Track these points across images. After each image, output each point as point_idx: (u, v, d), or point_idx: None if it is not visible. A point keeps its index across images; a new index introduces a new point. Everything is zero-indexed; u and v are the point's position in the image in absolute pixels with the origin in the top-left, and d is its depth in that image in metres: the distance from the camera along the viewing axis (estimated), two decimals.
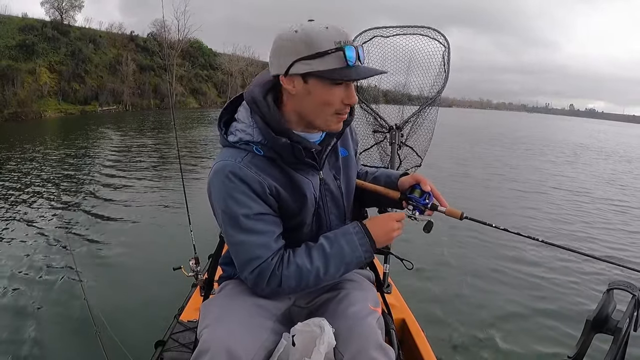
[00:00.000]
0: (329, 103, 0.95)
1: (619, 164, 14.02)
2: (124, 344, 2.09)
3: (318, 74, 0.91)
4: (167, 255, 3.34)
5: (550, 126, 43.77)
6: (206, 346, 0.91)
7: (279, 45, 0.94)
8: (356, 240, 1.03)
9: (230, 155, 1.00)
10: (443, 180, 7.44)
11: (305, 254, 1.01)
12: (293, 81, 0.94)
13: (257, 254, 0.98)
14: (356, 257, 1.03)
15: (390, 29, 2.18)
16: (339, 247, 1.02)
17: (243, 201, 0.97)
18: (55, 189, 6.59)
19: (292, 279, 0.99)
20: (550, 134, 29.03)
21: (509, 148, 16.12)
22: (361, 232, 1.04)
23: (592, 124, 77.95)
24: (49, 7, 29.66)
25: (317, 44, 0.90)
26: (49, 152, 10.63)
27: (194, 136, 14.93)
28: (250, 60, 44.21)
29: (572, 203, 7.16)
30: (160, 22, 34.05)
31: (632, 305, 0.84)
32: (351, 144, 1.19)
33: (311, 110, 0.97)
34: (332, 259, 1.01)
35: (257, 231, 0.98)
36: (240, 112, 1.05)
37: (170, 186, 6.85)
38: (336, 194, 1.12)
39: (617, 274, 3.61)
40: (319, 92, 0.94)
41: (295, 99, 0.97)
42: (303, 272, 0.99)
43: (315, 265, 1.00)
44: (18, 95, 21.61)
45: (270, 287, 1.00)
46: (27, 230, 4.58)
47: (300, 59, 0.91)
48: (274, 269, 0.99)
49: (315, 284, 1.03)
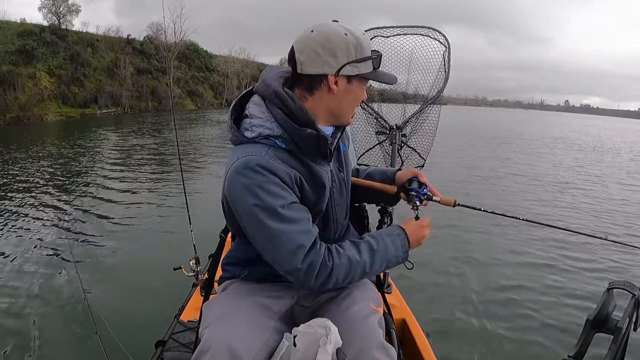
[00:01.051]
0: (358, 100, 1.05)
1: (587, 154, 15.37)
2: (124, 344, 2.09)
3: (365, 76, 1.00)
4: (167, 255, 3.34)
5: (537, 121, 45.77)
6: (208, 345, 0.91)
7: (331, 45, 0.95)
8: (399, 242, 1.08)
9: (253, 151, 0.97)
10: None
11: (354, 247, 1.03)
12: (337, 80, 0.98)
13: (301, 241, 0.96)
14: (396, 258, 1.08)
15: (390, 29, 2.18)
16: (384, 245, 1.06)
17: (277, 192, 0.95)
18: (56, 191, 6.59)
19: (342, 269, 1.00)
20: (533, 128, 30.67)
21: (484, 140, 17.04)
22: (403, 235, 1.09)
23: (583, 119, 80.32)
24: (47, 12, 29.79)
25: (364, 49, 0.98)
26: (50, 154, 10.64)
27: (193, 137, 14.95)
28: (246, 62, 44.45)
29: (526, 185, 8.40)
30: (155, 25, 34.71)
31: (632, 305, 0.84)
32: (346, 139, 1.22)
33: (345, 107, 1.04)
34: (377, 256, 1.04)
35: (297, 219, 0.97)
36: (252, 108, 1.04)
37: (171, 186, 6.85)
38: (341, 185, 1.14)
39: (613, 269, 3.62)
40: (358, 91, 1.03)
41: (334, 97, 1.00)
42: (353, 264, 1.01)
43: (363, 259, 1.02)
44: (19, 99, 21.77)
45: (320, 278, 0.98)
46: (28, 230, 4.58)
47: (351, 62, 0.97)
48: (325, 259, 0.98)
49: (360, 277, 1.05)
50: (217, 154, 10.78)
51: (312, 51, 0.95)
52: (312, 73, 0.97)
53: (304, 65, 0.97)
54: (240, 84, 42.05)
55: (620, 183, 9.46)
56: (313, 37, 0.96)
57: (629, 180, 10.02)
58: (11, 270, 3.54)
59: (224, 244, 1.29)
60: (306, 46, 0.96)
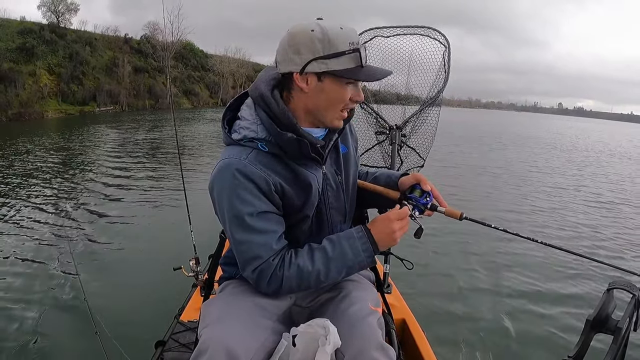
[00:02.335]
0: (339, 100, 0.99)
1: (549, 152, 16.09)
2: (124, 344, 2.09)
3: (335, 73, 0.94)
4: (167, 255, 3.34)
5: (521, 123, 46.98)
6: (206, 345, 0.91)
7: (296, 43, 0.94)
8: (359, 246, 1.02)
9: (235, 153, 0.99)
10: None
11: (307, 255, 1.02)
12: (307, 79, 0.96)
13: (258, 253, 0.98)
14: (358, 262, 1.03)
15: (390, 29, 2.17)
16: (341, 250, 1.02)
17: (248, 199, 0.97)
18: (56, 190, 6.58)
19: (293, 279, 1.00)
20: (512, 128, 31.57)
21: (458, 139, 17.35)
22: (364, 237, 1.03)
23: (569, 121, 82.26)
24: (46, 10, 30.16)
25: (334, 44, 0.93)
26: (51, 151, 10.64)
27: (192, 136, 14.93)
28: (241, 61, 44.98)
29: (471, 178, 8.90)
30: (152, 25, 35.33)
31: (632, 305, 0.84)
32: (350, 140, 1.19)
33: (321, 107, 0.99)
34: (333, 262, 1.01)
35: (260, 230, 0.98)
36: (244, 110, 1.05)
37: (170, 186, 6.84)
38: (337, 189, 1.13)
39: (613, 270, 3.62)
40: (332, 90, 0.97)
41: (307, 96, 0.98)
42: (304, 274, 1.00)
43: (316, 268, 1.00)
44: (20, 96, 22.11)
45: (271, 287, 1.01)
46: (28, 230, 4.57)
47: (317, 58, 0.93)
48: (275, 270, 0.99)
49: (316, 285, 1.03)
50: (216, 154, 10.71)
51: (283, 50, 0.97)
52: (284, 72, 0.98)
53: (279, 64, 0.99)
54: (236, 83, 42.71)
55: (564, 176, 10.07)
56: (284, 37, 0.97)
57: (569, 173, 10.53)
58: (11, 270, 3.53)
59: (223, 244, 1.29)
60: (280, 45, 0.97)
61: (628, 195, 8.24)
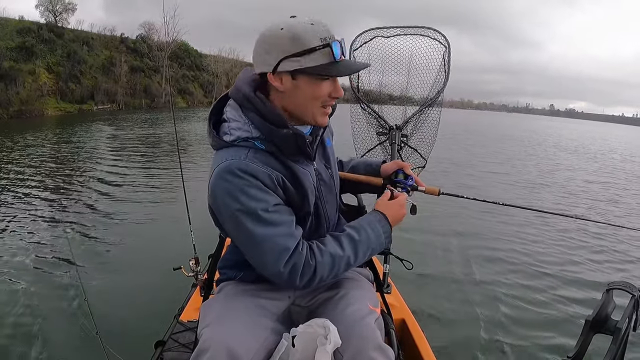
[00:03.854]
0: (317, 97, 0.97)
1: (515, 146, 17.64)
2: (124, 344, 2.09)
3: (307, 70, 0.93)
4: (167, 255, 3.33)
5: (503, 123, 48.69)
6: (206, 345, 0.91)
7: (265, 43, 0.94)
8: (380, 229, 1.09)
9: (232, 154, 0.97)
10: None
11: (335, 242, 1.04)
12: (281, 78, 0.95)
13: (285, 245, 0.96)
14: (379, 244, 1.09)
15: (390, 29, 2.17)
16: (366, 235, 1.06)
17: (258, 196, 0.95)
18: (57, 189, 6.58)
19: (326, 266, 1.01)
20: (492, 128, 33.30)
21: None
22: (384, 220, 1.10)
23: (553, 122, 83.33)
24: (44, 10, 30.51)
25: (304, 41, 0.91)
26: (51, 149, 10.68)
27: (190, 135, 14.92)
28: (235, 61, 45.48)
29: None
30: (148, 25, 36.28)
31: (632, 306, 0.84)
32: (329, 134, 1.20)
33: (299, 105, 0.99)
34: (360, 246, 1.05)
35: (279, 222, 0.97)
36: (229, 112, 1.03)
37: (170, 186, 6.84)
38: (329, 182, 1.14)
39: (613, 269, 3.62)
40: (308, 87, 0.96)
41: (284, 95, 0.98)
42: (336, 260, 1.02)
43: (346, 253, 1.03)
44: (20, 94, 22.60)
45: (304, 278, 0.99)
46: (28, 229, 4.57)
47: (288, 57, 0.92)
48: (307, 259, 0.98)
49: (345, 270, 1.06)
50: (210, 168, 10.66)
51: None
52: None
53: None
54: (230, 83, 43.02)
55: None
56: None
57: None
58: (10, 269, 3.53)
59: (223, 244, 1.29)
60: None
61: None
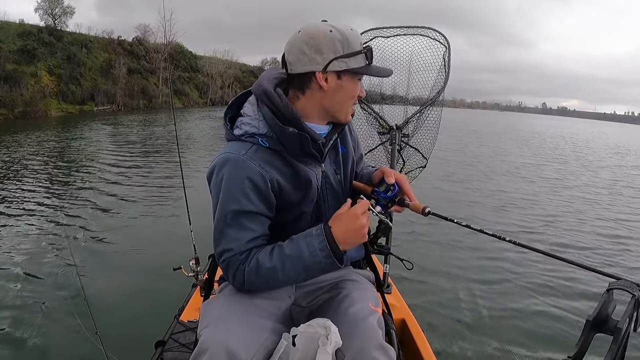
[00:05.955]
0: (353, 96, 1.05)
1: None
2: (124, 344, 2.09)
3: (354, 70, 1.00)
4: (167, 255, 3.34)
5: (493, 121, 50.08)
6: (206, 345, 0.91)
7: (316, 43, 0.97)
8: (316, 245, 0.98)
9: (234, 148, 1.01)
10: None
11: (268, 252, 1.02)
12: (326, 77, 0.99)
13: (230, 246, 1.01)
14: (316, 262, 0.98)
15: (391, 30, 2.18)
16: (297, 249, 0.99)
17: (237, 197, 0.99)
18: (57, 188, 6.59)
19: (253, 275, 1.00)
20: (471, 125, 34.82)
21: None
22: (322, 236, 0.98)
23: (541, 119, 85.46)
24: (43, 13, 31.27)
25: (352, 44, 0.98)
26: (54, 147, 10.75)
27: (188, 135, 14.96)
28: (229, 63, 45.93)
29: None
30: (144, 27, 37.28)
31: (632, 306, 0.83)
32: (350, 141, 1.20)
33: (338, 103, 1.03)
34: (288, 261, 0.99)
35: (239, 227, 1.01)
36: (247, 107, 1.07)
37: (170, 186, 6.84)
38: (336, 187, 1.14)
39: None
40: (350, 87, 1.03)
41: (325, 93, 1.01)
42: (261, 270, 1.00)
43: (272, 265, 0.99)
44: (24, 96, 23.48)
45: (236, 280, 1.03)
46: (28, 229, 4.58)
47: (337, 57, 0.97)
48: (239, 264, 1.01)
49: (277, 283, 1.02)
50: (214, 152, 10.65)
51: (299, 50, 0.98)
52: (301, 72, 0.99)
53: (292, 65, 1.00)
54: (224, 84, 43.90)
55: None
56: (299, 37, 0.98)
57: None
58: (11, 270, 3.53)
59: None
60: (293, 46, 0.98)
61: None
